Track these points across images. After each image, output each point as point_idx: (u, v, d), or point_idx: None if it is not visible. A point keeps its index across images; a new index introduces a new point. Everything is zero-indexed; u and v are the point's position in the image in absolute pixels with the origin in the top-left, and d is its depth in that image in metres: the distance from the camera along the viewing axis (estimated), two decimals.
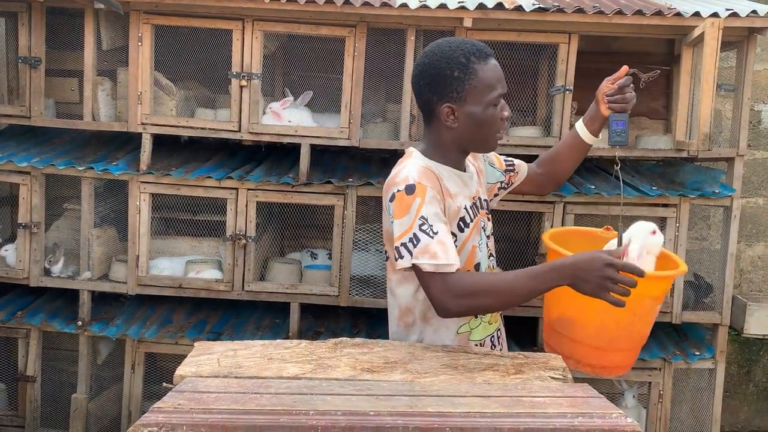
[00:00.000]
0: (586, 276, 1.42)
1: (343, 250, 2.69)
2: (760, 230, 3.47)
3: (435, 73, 1.56)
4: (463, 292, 1.48)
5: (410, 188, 1.52)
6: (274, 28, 2.65)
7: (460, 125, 1.59)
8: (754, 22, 2.47)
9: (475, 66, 1.55)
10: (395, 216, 1.52)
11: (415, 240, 1.50)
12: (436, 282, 1.49)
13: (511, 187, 1.90)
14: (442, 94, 1.57)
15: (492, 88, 1.57)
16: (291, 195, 2.68)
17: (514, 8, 2.50)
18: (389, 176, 1.61)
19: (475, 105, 1.56)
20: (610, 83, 1.76)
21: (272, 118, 2.72)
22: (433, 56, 1.58)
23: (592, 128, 1.82)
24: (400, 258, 1.52)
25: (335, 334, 2.83)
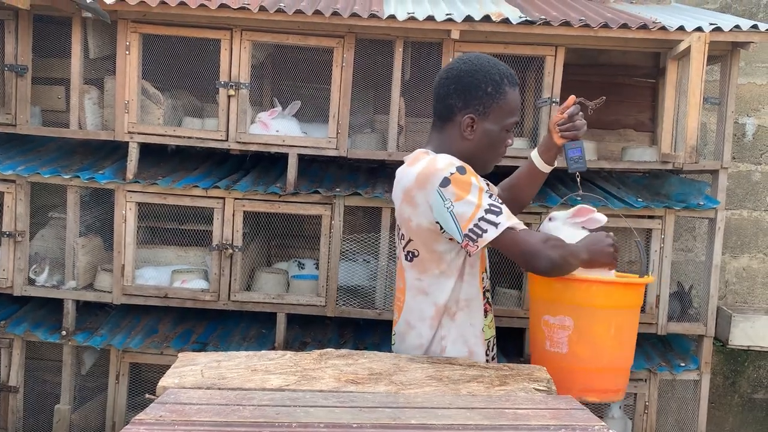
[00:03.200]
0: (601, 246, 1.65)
1: (331, 261, 2.68)
2: (744, 242, 3.50)
3: (469, 81, 1.61)
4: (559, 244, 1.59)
5: (462, 169, 1.58)
6: (262, 38, 2.66)
7: (474, 139, 1.65)
8: (738, 36, 2.50)
9: (507, 88, 1.62)
10: (457, 198, 1.54)
11: (494, 209, 1.54)
12: (534, 234, 1.57)
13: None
14: (468, 104, 1.62)
15: (512, 113, 1.65)
16: (278, 205, 2.68)
17: (501, 21, 2.51)
18: (415, 172, 1.60)
19: (494, 124, 1.63)
20: (560, 113, 1.81)
21: (260, 127, 2.72)
22: (472, 65, 1.63)
23: (547, 157, 1.88)
24: (481, 234, 1.53)
25: (322, 344, 2.82)
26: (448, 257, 1.61)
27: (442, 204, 1.55)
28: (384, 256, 2.70)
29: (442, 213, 1.56)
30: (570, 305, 1.76)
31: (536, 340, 1.82)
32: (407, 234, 1.66)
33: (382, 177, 2.96)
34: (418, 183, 1.59)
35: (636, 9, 3.04)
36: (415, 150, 1.73)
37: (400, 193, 1.65)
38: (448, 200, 1.54)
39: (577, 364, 1.75)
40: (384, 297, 2.71)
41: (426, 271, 1.63)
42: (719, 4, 3.41)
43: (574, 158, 1.78)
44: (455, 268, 1.62)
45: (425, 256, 1.62)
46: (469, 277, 1.64)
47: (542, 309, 1.79)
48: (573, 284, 1.73)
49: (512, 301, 2.75)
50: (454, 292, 1.62)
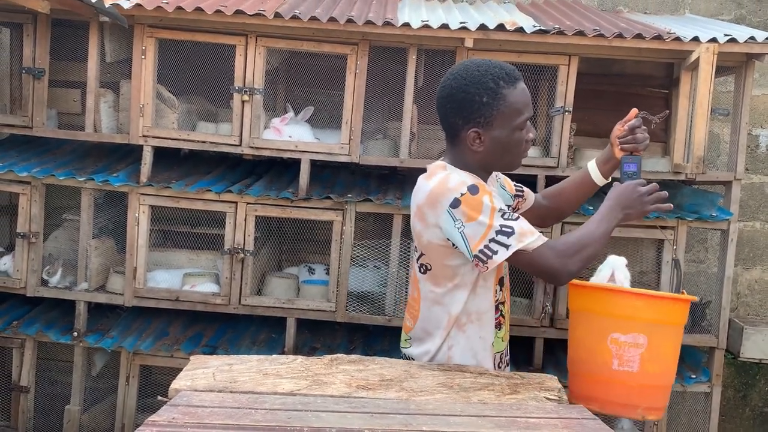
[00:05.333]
0: (630, 200, 1.62)
1: (341, 266, 2.69)
2: (757, 254, 3.48)
3: (462, 97, 1.57)
4: (571, 248, 1.55)
5: (474, 188, 1.55)
6: (276, 44, 2.67)
7: (485, 149, 1.62)
8: (752, 48, 2.49)
9: (504, 91, 1.56)
10: (468, 219, 1.52)
11: (505, 230, 1.52)
12: (546, 253, 1.54)
13: (516, 213, 1.91)
14: (468, 119, 1.59)
15: (519, 112, 1.59)
16: (290, 210, 2.69)
17: (515, 30, 2.52)
18: (427, 189, 1.58)
19: (501, 130, 1.59)
20: (621, 126, 1.78)
21: (273, 133, 2.73)
22: (462, 80, 1.58)
23: (605, 169, 1.85)
24: (492, 255, 1.51)
25: (331, 350, 2.82)
26: (462, 271, 1.60)
27: (452, 225, 1.54)
28: (395, 263, 2.70)
29: (452, 233, 1.55)
30: (646, 322, 1.74)
31: (596, 360, 1.74)
32: (419, 248, 1.66)
33: (393, 183, 2.97)
34: (429, 202, 1.58)
35: (650, 19, 3.04)
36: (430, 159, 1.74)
37: (415, 206, 1.65)
38: (458, 221, 1.53)
39: (647, 381, 1.75)
40: (394, 304, 2.72)
41: (439, 284, 1.63)
42: (733, 16, 3.40)
43: (629, 173, 1.73)
44: (469, 282, 1.61)
45: (438, 270, 1.62)
46: (481, 290, 1.63)
47: (609, 327, 1.73)
48: (653, 302, 1.75)
49: (522, 309, 2.75)
50: (466, 305, 1.62)
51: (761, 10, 3.40)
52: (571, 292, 1.83)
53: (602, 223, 1.61)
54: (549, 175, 2.64)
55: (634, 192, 1.65)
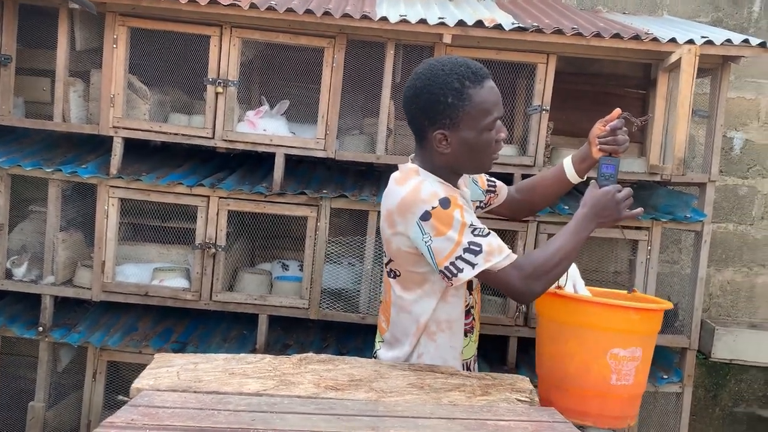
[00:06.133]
0: (606, 209, 1.59)
1: (315, 263, 2.65)
2: (729, 255, 3.51)
3: (427, 98, 1.52)
4: (540, 269, 1.51)
5: (445, 202, 1.50)
6: (252, 36, 2.62)
7: (452, 151, 1.57)
8: (729, 50, 2.50)
9: (470, 91, 1.51)
10: (437, 233, 1.49)
11: (474, 247, 1.48)
12: (512, 273, 1.50)
13: (488, 207, 1.89)
14: (434, 120, 1.54)
15: (487, 112, 1.54)
16: (263, 205, 2.64)
17: (493, 27, 2.50)
18: (399, 196, 1.54)
19: (469, 131, 1.54)
20: (602, 125, 1.76)
21: (247, 126, 2.68)
22: (426, 80, 1.53)
23: (580, 168, 1.82)
24: (457, 273, 1.49)
25: (304, 347, 2.78)
26: (432, 278, 1.57)
27: (420, 237, 1.50)
28: (369, 260, 2.67)
29: (420, 246, 1.51)
30: (642, 335, 1.74)
31: (592, 376, 1.71)
32: (388, 253, 1.63)
33: (370, 180, 2.94)
34: (399, 210, 1.54)
35: (629, 19, 3.04)
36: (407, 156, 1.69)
37: (385, 210, 1.60)
38: (427, 234, 1.49)
39: (638, 391, 1.77)
40: (368, 301, 2.69)
41: (408, 289, 1.59)
42: (710, 18, 3.42)
43: (606, 174, 1.69)
44: (438, 289, 1.57)
45: (407, 276, 1.59)
46: (452, 298, 1.60)
47: (609, 342, 1.71)
48: (648, 315, 1.74)
49: (496, 308, 2.73)
50: (435, 313, 1.58)
51: (737, 13, 3.42)
52: (556, 305, 1.76)
53: (576, 235, 1.57)
54: (525, 174, 2.62)
55: (611, 200, 1.61)
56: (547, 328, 1.79)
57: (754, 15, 3.43)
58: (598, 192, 1.65)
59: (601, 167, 1.74)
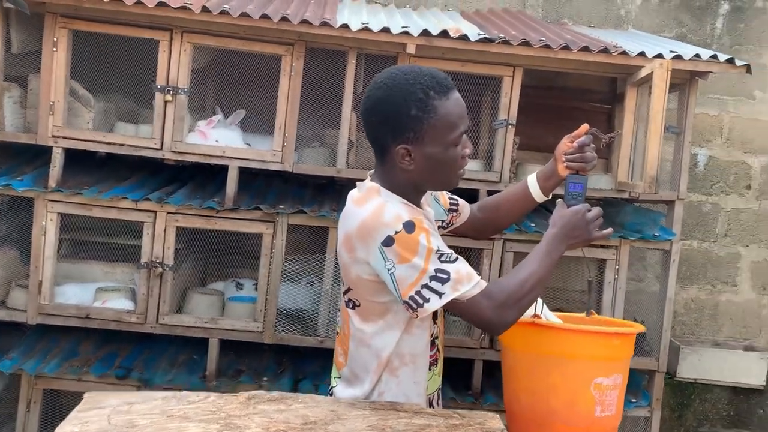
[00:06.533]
0: (576, 229, 1.51)
1: (270, 283, 2.50)
2: (693, 273, 3.47)
3: (389, 109, 1.40)
4: (512, 297, 1.41)
5: (409, 226, 1.37)
6: (204, 41, 2.47)
7: (416, 167, 1.44)
8: (697, 65, 2.45)
9: (435, 102, 1.39)
10: (401, 260, 1.35)
11: (441, 275, 1.36)
12: (482, 302, 1.39)
13: (450, 227, 1.77)
14: (396, 134, 1.41)
15: (453, 126, 1.42)
16: (215, 221, 2.48)
17: (458, 37, 2.40)
18: (358, 218, 1.40)
19: (434, 146, 1.41)
20: (569, 141, 1.65)
21: (198, 137, 2.52)
22: (387, 89, 1.41)
23: (545, 186, 1.70)
24: (423, 303, 1.36)
25: (258, 373, 2.63)
26: (394, 308, 1.43)
27: (383, 264, 1.38)
28: (329, 279, 2.53)
29: (382, 273, 1.39)
30: (623, 361, 1.64)
31: (576, 409, 1.59)
32: (346, 281, 1.49)
33: (330, 194, 2.80)
34: (359, 234, 1.40)
35: (595, 33, 2.98)
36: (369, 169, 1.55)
37: (343, 234, 1.47)
38: (390, 261, 1.36)
39: (618, 422, 1.66)
40: (327, 324, 2.54)
41: (369, 321, 1.45)
42: (675, 33, 3.40)
43: (574, 193, 1.58)
44: (401, 320, 1.44)
45: (367, 306, 1.45)
46: (417, 329, 1.46)
47: (593, 371, 1.59)
48: (628, 339, 1.65)
49: (461, 330, 2.62)
50: (398, 346, 1.45)
51: (701, 29, 3.41)
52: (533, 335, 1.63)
53: (547, 257, 1.47)
54: (491, 190, 2.52)
55: (581, 219, 1.52)
56: (522, 361, 1.66)
57: (717, 31, 3.42)
58: (567, 212, 1.55)
59: (568, 186, 1.63)
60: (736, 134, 3.45)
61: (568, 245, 1.53)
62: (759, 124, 3.44)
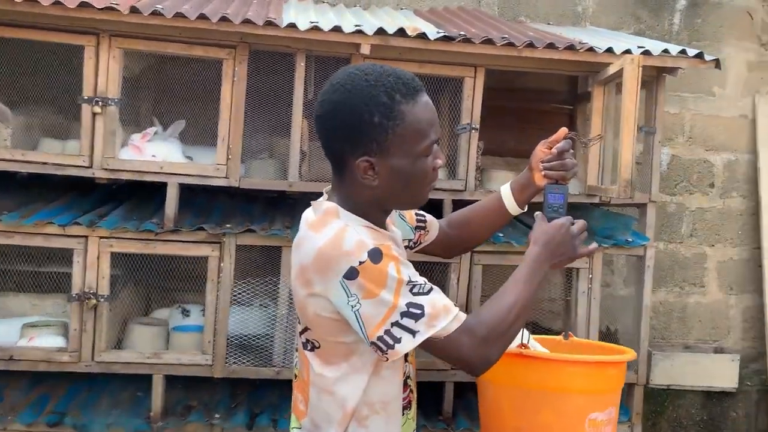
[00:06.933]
0: (561, 246, 1.33)
1: (219, 311, 2.27)
2: (661, 275, 3.37)
3: (347, 116, 1.19)
4: (495, 331, 1.22)
5: (375, 254, 1.15)
6: (135, 46, 2.24)
7: (381, 182, 1.22)
8: (666, 61, 2.34)
9: (402, 107, 1.19)
10: (367, 294, 1.14)
11: (413, 310, 1.16)
12: (462, 339, 1.19)
13: (417, 247, 1.56)
14: (357, 145, 1.20)
15: (423, 135, 1.21)
16: (154, 245, 2.24)
17: (417, 36, 2.23)
18: (315, 247, 1.19)
19: (401, 157, 1.20)
20: (546, 147, 1.46)
21: (132, 152, 2.28)
22: (345, 93, 1.20)
23: (521, 197, 1.50)
24: (393, 344, 1.16)
25: (210, 409, 2.40)
26: (360, 348, 1.22)
27: (345, 301, 1.16)
28: (284, 303, 2.32)
29: (344, 311, 1.17)
30: (615, 392, 1.49)
31: None
32: (303, 320, 1.27)
33: (282, 209, 2.59)
34: (316, 265, 1.19)
35: (557, 30, 2.85)
36: (324, 182, 1.34)
37: (297, 264, 1.25)
38: (353, 296, 1.15)
39: None
40: (284, 351, 2.33)
41: (330, 364, 1.24)
42: (633, 30, 3.30)
43: (554, 206, 1.39)
44: (369, 362, 1.22)
45: (329, 348, 1.24)
46: (387, 371, 1.25)
47: (587, 406, 1.43)
48: (623, 366, 1.50)
49: None
50: (366, 393, 1.23)
51: (659, 25, 3.33)
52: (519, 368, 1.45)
53: (530, 281, 1.27)
54: (456, 200, 2.36)
55: (565, 235, 1.33)
56: (506, 397, 1.48)
57: (675, 27, 3.34)
58: (549, 227, 1.36)
59: (547, 197, 1.45)
60: (697, 132, 3.38)
61: (552, 265, 1.35)
62: (720, 121, 3.38)
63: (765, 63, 3.38)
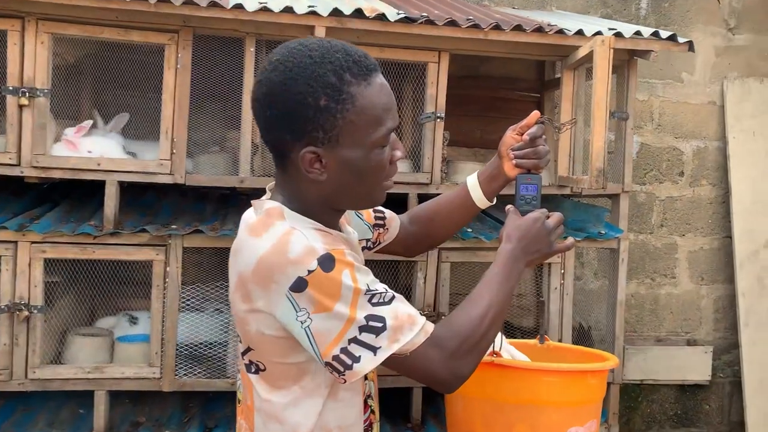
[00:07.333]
0: (536, 242, 1.20)
1: (166, 319, 2.09)
2: (632, 267, 3.29)
3: (289, 99, 1.02)
4: (467, 342, 1.07)
5: (327, 261, 0.98)
6: (67, 31, 2.03)
7: (330, 177, 1.05)
8: (638, 44, 2.23)
9: (353, 89, 1.02)
10: (318, 308, 0.98)
11: (374, 323, 0.99)
12: (430, 354, 1.04)
13: (377, 247, 1.40)
14: (300, 133, 1.02)
15: (378, 122, 1.04)
16: (92, 249, 2.05)
17: (375, 17, 2.07)
18: (255, 254, 1.02)
19: (352, 148, 1.03)
20: (517, 134, 1.31)
21: (66, 147, 2.08)
22: (286, 72, 1.02)
23: (489, 189, 1.35)
24: (352, 364, 0.99)
25: (160, 423, 2.22)
26: (313, 368, 1.07)
27: (293, 316, 0.99)
28: None
29: (293, 328, 1.01)
30: (596, 403, 1.37)
31: None
32: (245, 339, 1.11)
33: (235, 206, 2.42)
34: (258, 276, 1.01)
35: (523, 13, 2.72)
36: (266, 186, 1.17)
37: (235, 275, 1.07)
38: (303, 311, 0.99)
39: None
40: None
41: (279, 389, 1.07)
42: (600, 14, 3.20)
43: (527, 197, 1.26)
44: (323, 384, 1.06)
45: (276, 371, 1.07)
46: (345, 393, 1.09)
47: (566, 420, 1.29)
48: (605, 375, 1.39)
49: None
50: (322, 419, 1.07)
51: (626, 10, 3.23)
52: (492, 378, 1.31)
53: (505, 282, 1.13)
54: (422, 194, 2.22)
55: (541, 230, 1.19)
56: (476, 411, 1.34)
57: (642, 12, 3.25)
58: (523, 221, 1.21)
59: (519, 188, 1.31)
60: (666, 119, 3.30)
61: (527, 262, 1.21)
62: (688, 108, 3.30)
63: (732, 48, 3.32)
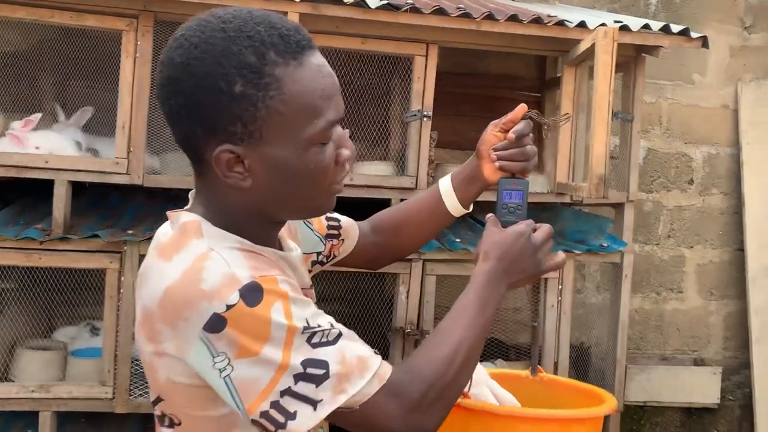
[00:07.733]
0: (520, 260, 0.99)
1: (120, 333, 1.89)
2: (636, 280, 3.07)
3: (196, 86, 0.80)
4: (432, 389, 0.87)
5: (253, 292, 0.77)
6: (13, 14, 1.85)
7: (256, 183, 0.82)
8: (646, 39, 2.03)
9: (279, 71, 0.79)
10: (241, 353, 0.77)
11: (314, 371, 0.79)
12: (388, 404, 0.84)
13: (331, 260, 1.18)
14: (213, 128, 0.80)
15: (314, 112, 0.81)
16: (38, 255, 1.86)
17: (354, 4, 1.87)
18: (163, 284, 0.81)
19: (282, 146, 0.81)
20: (500, 131, 1.09)
21: (11, 143, 1.89)
22: (192, 49, 0.80)
23: (466, 195, 1.12)
24: (285, 421, 0.78)
25: None
26: (239, 421, 0.85)
27: (209, 363, 0.78)
28: None
29: (209, 376, 0.79)
30: None
31: None
32: (153, 387, 0.89)
33: None
34: (164, 311, 0.80)
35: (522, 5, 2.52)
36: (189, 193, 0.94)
37: (140, 309, 0.85)
38: (221, 356, 0.77)
39: None
40: None
41: None
42: (607, 9, 3.00)
43: (510, 206, 1.06)
44: None
45: (193, 425, 0.86)
46: None
47: None
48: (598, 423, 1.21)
49: None
50: None
51: (634, 6, 3.03)
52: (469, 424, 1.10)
53: (480, 313, 0.92)
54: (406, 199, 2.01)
55: (525, 246, 0.98)
56: None
57: (652, 8, 3.05)
58: (503, 236, 0.98)
59: (502, 194, 1.08)
60: (675, 123, 3.09)
61: (509, 285, 1.00)
62: (699, 111, 3.09)
63: (748, 48, 3.11)
